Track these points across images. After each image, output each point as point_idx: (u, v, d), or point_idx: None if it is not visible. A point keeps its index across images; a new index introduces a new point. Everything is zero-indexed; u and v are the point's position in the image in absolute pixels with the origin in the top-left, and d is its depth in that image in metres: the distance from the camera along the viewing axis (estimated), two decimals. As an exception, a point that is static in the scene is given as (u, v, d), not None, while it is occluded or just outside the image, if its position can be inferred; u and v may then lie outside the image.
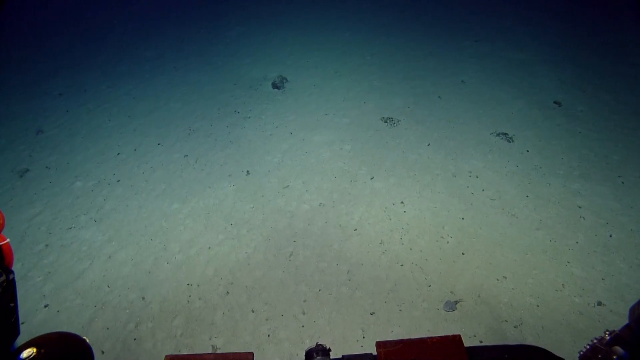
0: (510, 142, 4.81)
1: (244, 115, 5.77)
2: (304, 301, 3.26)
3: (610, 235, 3.56)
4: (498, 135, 4.93)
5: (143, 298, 3.38)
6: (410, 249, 3.60)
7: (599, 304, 3.03)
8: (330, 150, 4.94)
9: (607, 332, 1.11)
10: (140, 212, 4.23)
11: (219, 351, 2.97)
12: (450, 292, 3.22)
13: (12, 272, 1.05)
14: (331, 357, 1.29)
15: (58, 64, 7.99)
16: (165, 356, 1.27)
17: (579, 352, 1.14)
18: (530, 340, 2.83)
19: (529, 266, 3.36)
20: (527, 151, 4.64)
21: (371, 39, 8.02)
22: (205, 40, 8.56)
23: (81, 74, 7.49)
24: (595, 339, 1.11)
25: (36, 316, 3.31)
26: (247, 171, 4.68)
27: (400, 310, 3.13)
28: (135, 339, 3.09)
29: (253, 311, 3.22)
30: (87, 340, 1.14)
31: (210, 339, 3.05)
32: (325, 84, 6.50)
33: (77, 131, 5.68)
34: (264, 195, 4.33)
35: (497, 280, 3.27)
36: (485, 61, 6.73)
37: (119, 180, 4.69)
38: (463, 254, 3.52)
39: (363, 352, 1.27)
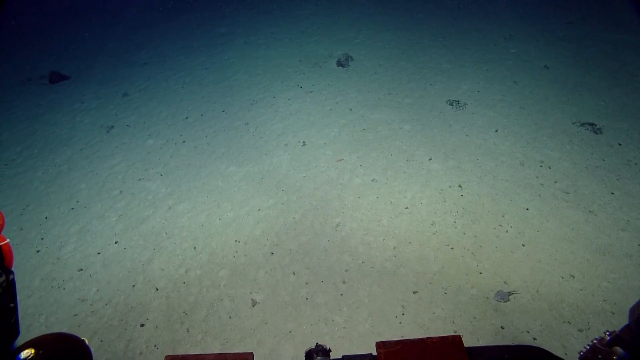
0: (597, 133, 4.22)
1: (306, 90, 5.81)
2: (346, 271, 3.22)
3: None
4: (582, 125, 4.35)
5: (194, 248, 3.60)
6: (464, 234, 3.35)
7: (692, 321, 2.55)
8: (389, 128, 4.77)
9: (607, 333, 1.10)
10: (199, 171, 4.49)
11: (257, 306, 3.07)
12: (504, 282, 2.95)
13: (12, 272, 1.04)
14: (331, 357, 1.27)
15: (146, 38, 8.77)
16: (165, 356, 1.29)
17: (579, 353, 1.12)
18: (595, 347, 2.49)
19: (605, 268, 2.94)
20: (619, 145, 4.03)
21: (445, 20, 7.55)
22: (276, 18, 8.75)
23: (164, 46, 8.13)
24: (596, 339, 1.10)
25: (108, 250, 3.70)
26: (304, 142, 4.72)
27: (445, 293, 2.94)
28: (184, 283, 3.31)
29: (294, 273, 3.26)
30: (86, 341, 1.13)
31: (250, 293, 3.16)
32: (391, 64, 6.28)
33: (155, 96, 6.19)
34: (317, 166, 4.33)
35: (562, 277, 2.91)
36: (578, 45, 5.96)
37: (184, 141, 5.02)
38: (523, 245, 3.19)
39: (363, 353, 1.28)
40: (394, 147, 4.45)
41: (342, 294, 3.05)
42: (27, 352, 0.98)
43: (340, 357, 1.25)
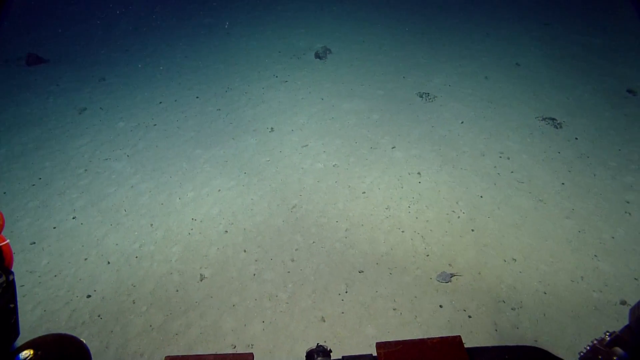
0: (557, 128, 4.30)
1: (281, 80, 5.85)
2: (296, 250, 3.25)
3: (658, 236, 3.04)
4: (544, 119, 4.43)
5: (151, 225, 3.62)
6: (416, 218, 3.40)
7: (623, 303, 2.61)
8: (357, 117, 4.82)
9: (607, 333, 1.10)
10: (166, 153, 4.50)
11: (204, 280, 3.09)
12: (449, 264, 2.99)
13: (11, 272, 1.03)
14: (331, 357, 1.29)
15: (130, 26, 8.75)
16: (165, 357, 1.29)
17: (579, 353, 1.12)
18: (525, 325, 2.54)
19: (546, 253, 3.00)
20: (576, 139, 4.11)
21: (428, 18, 7.64)
22: (261, 11, 8.79)
23: (147, 34, 8.13)
24: (596, 339, 1.10)
25: (65, 224, 3.70)
26: (272, 128, 4.75)
27: (390, 273, 2.98)
28: (136, 257, 3.32)
29: (245, 251, 3.28)
30: (85, 342, 1.14)
31: (200, 268, 3.18)
32: (368, 58, 6.34)
33: (131, 81, 6.19)
34: (282, 151, 4.36)
35: (505, 261, 2.97)
36: (552, 45, 6.07)
37: (155, 125, 5.03)
38: (473, 230, 3.24)
39: (363, 353, 1.28)
40: (360, 135, 4.49)
41: (289, 272, 3.08)
42: (26, 353, 0.98)
43: (341, 357, 1.25)
